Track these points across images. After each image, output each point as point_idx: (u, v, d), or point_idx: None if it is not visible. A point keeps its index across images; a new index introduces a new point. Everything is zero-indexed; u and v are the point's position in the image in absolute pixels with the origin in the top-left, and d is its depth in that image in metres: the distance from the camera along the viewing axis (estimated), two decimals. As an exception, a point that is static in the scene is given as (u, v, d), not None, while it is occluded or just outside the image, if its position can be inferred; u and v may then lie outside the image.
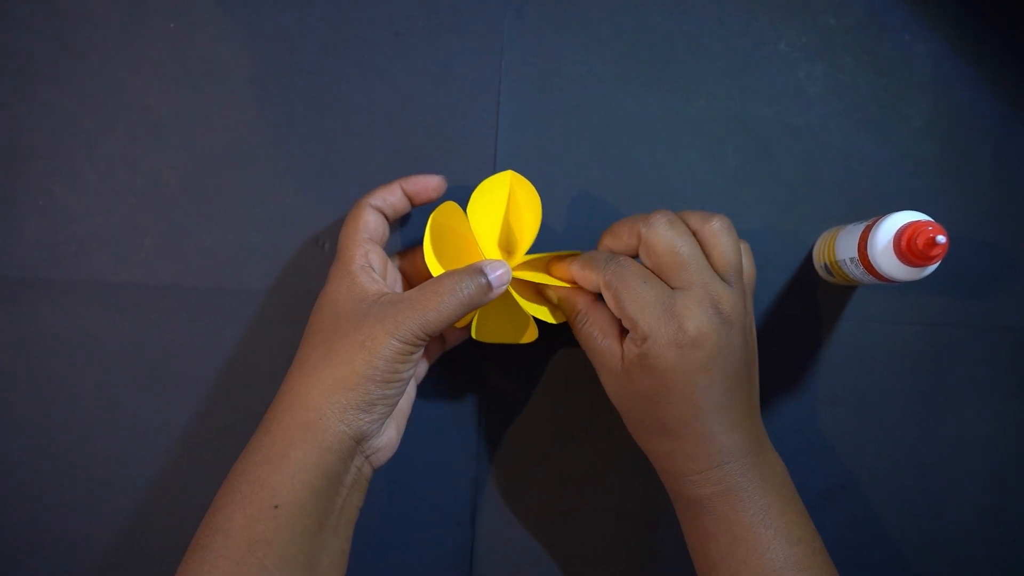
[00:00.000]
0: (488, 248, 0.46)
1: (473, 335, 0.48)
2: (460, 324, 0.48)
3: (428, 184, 0.47)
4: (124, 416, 0.50)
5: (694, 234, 0.43)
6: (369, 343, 0.41)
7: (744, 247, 0.45)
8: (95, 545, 0.50)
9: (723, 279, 0.43)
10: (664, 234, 0.42)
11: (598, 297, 0.45)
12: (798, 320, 0.52)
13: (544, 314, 0.46)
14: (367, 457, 0.43)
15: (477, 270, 0.43)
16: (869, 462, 0.52)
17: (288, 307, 0.51)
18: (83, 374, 0.50)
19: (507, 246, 0.48)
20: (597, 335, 0.44)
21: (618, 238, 0.45)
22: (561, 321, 0.47)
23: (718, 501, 0.42)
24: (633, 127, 0.52)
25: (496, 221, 0.47)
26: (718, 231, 0.43)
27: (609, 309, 0.44)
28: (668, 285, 0.42)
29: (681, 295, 0.42)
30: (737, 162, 0.52)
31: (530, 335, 0.48)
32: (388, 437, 0.44)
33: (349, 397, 0.41)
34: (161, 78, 0.51)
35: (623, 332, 0.44)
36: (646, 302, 0.41)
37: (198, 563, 0.39)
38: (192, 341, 0.51)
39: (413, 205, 0.48)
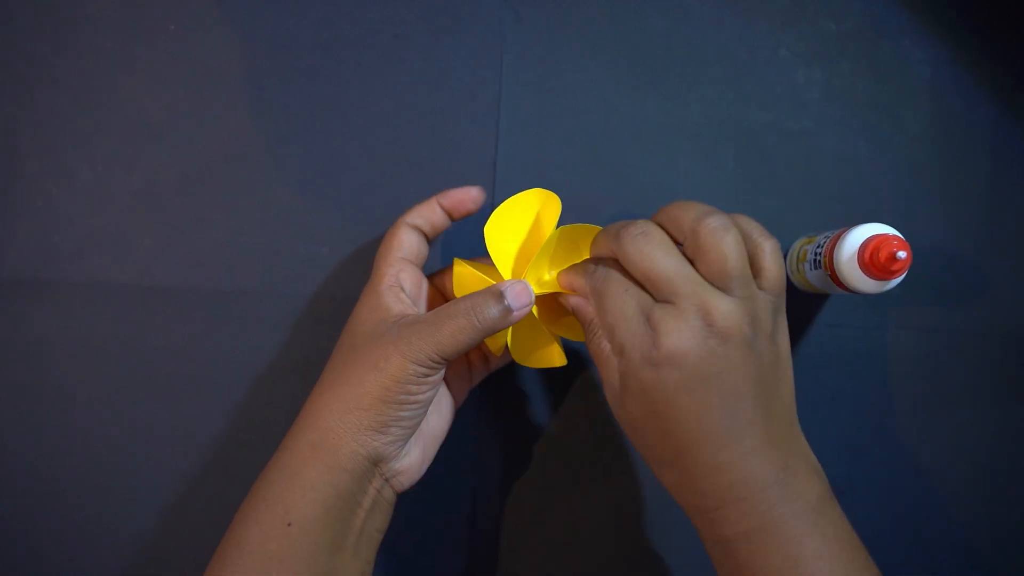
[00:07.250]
0: (506, 268, 0.43)
1: (514, 357, 0.45)
2: (495, 347, 0.46)
3: (465, 197, 0.46)
4: (121, 418, 0.50)
5: (690, 235, 0.39)
6: (383, 363, 0.39)
7: (769, 246, 0.40)
8: (93, 547, 0.50)
9: (719, 288, 0.38)
10: (637, 248, 0.39)
11: None
12: (794, 325, 0.52)
13: (568, 330, 0.45)
14: (387, 480, 0.42)
15: (496, 293, 0.40)
16: (866, 467, 0.52)
17: (285, 310, 0.51)
18: (80, 376, 0.50)
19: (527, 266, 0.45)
20: (606, 347, 0.40)
21: (599, 250, 0.42)
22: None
23: (743, 543, 0.37)
24: (632, 131, 0.52)
25: (516, 241, 0.44)
26: (712, 233, 0.38)
27: None
28: (653, 298, 0.39)
29: (661, 308, 0.38)
30: (735, 167, 0.52)
31: (559, 358, 0.45)
32: (410, 460, 0.42)
33: (361, 418, 0.40)
34: (159, 79, 0.51)
35: None
36: (623, 313, 0.38)
37: None
38: (188, 343, 0.50)
39: (452, 220, 0.46)
